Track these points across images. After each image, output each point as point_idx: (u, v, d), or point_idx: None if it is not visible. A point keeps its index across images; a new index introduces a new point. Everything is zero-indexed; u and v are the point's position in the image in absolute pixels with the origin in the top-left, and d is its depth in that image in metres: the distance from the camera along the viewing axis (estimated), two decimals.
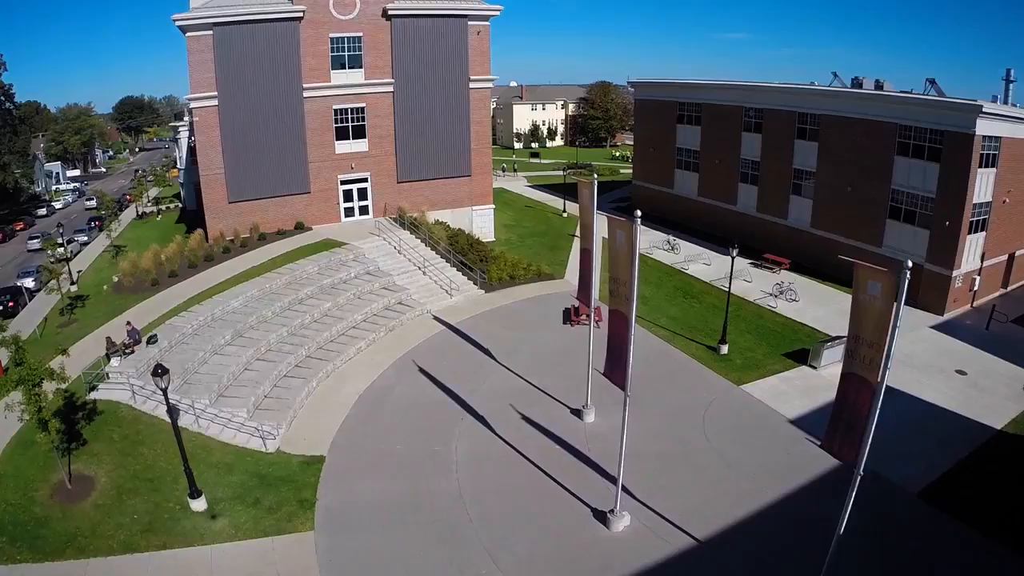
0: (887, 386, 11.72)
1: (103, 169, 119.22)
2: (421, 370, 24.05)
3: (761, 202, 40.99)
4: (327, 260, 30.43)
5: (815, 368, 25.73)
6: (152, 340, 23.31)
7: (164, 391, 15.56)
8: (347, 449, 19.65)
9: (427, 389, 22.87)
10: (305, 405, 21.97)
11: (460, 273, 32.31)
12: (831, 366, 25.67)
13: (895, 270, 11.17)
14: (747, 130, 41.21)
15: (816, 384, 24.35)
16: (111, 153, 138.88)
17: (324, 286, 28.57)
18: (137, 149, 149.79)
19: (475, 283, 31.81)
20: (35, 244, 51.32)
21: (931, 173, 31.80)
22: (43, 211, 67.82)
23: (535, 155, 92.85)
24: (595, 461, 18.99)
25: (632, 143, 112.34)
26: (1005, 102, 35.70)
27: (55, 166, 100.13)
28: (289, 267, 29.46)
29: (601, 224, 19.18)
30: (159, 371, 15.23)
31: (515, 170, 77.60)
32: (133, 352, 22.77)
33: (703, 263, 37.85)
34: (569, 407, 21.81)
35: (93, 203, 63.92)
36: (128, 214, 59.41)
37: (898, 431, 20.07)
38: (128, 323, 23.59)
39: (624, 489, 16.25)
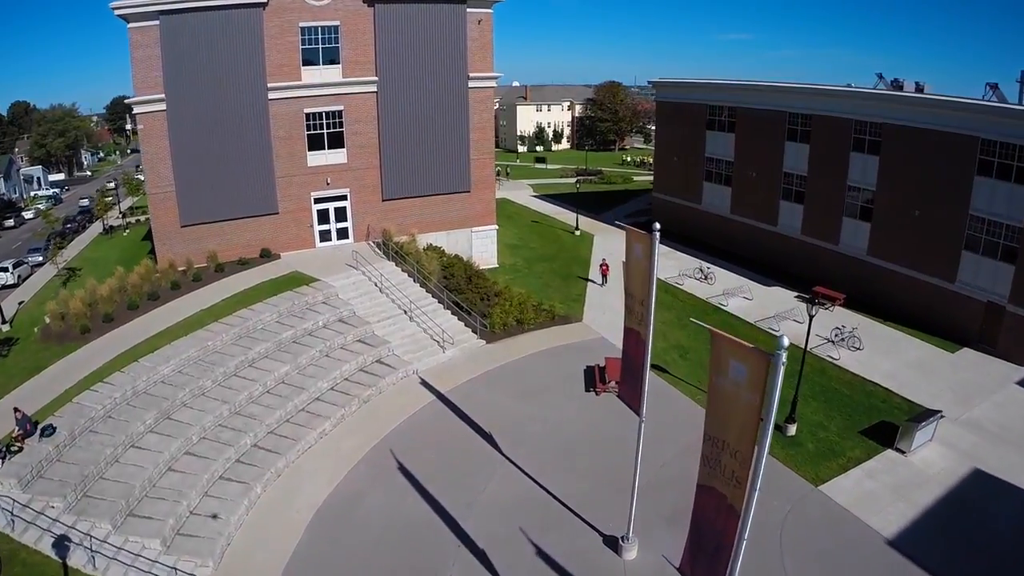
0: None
1: (88, 173, 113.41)
2: (401, 467, 18.31)
3: (807, 224, 35.24)
4: (289, 304, 24.54)
5: (903, 454, 20.23)
6: (48, 432, 17.59)
7: None
8: None
9: (408, 499, 17.15)
10: (244, 525, 16.30)
11: (455, 317, 26.57)
12: (922, 449, 20.35)
13: None
14: (791, 139, 35.42)
15: (909, 478, 18.96)
16: (101, 155, 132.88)
17: (283, 341, 22.77)
18: (129, 151, 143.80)
19: (474, 331, 26.05)
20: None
21: (1019, 197, 26.16)
22: (11, 222, 61.55)
23: (541, 160, 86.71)
24: None
25: (641, 147, 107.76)
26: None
27: (36, 170, 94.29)
28: (241, 315, 23.60)
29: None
30: None
31: (508, 174, 71.39)
32: (21, 450, 17.07)
33: (743, 297, 32.12)
34: (600, 532, 16.11)
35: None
36: (96, 227, 53.61)
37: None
38: (16, 409, 17.79)
39: None
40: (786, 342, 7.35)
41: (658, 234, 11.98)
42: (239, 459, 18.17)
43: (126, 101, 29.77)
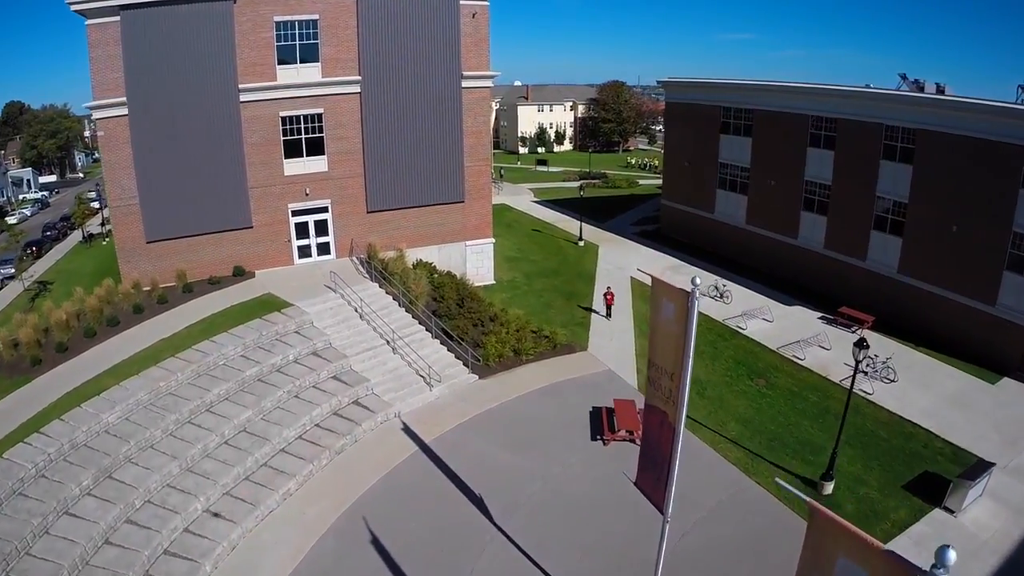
0: None
1: (81, 175, 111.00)
2: (375, 540, 15.61)
3: (831, 237, 32.49)
4: (256, 335, 21.73)
5: (952, 514, 17.58)
6: None
7: None
8: None
9: None
10: None
11: (444, 347, 23.86)
12: (972, 506, 17.68)
13: None
14: (814, 144, 32.66)
15: (961, 545, 16.18)
16: (96, 156, 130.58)
17: (246, 380, 20.02)
18: None
19: (465, 363, 23.32)
20: None
21: None
22: None
23: (542, 162, 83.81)
24: None
25: (646, 148, 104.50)
26: None
27: (26, 172, 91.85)
28: (201, 348, 20.83)
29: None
30: None
31: (501, 175, 68.24)
32: None
33: (763, 319, 29.39)
34: None
35: None
36: (75, 236, 51.09)
37: None
38: None
39: None
40: (952, 558, 4.67)
41: (698, 291, 9.10)
42: (187, 528, 15.54)
43: (84, 105, 27.16)
